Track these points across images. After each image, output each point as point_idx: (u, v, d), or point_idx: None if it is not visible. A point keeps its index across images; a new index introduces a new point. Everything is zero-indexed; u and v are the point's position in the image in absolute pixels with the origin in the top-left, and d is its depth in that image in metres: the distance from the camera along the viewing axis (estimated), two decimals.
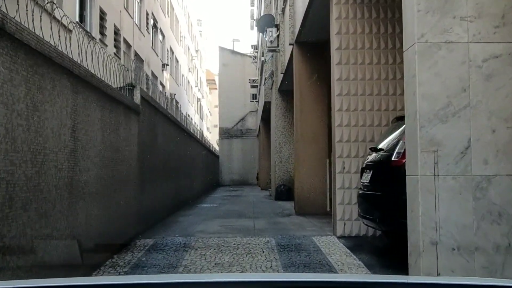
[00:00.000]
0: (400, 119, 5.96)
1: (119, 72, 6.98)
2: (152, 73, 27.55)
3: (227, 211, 12.37)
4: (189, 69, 44.32)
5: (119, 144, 6.54)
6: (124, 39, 21.19)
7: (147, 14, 26.78)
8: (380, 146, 5.79)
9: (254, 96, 33.17)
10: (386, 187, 5.30)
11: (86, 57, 5.33)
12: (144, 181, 8.26)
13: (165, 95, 17.28)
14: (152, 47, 28.18)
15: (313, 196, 11.18)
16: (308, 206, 11.14)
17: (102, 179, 5.70)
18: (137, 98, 7.66)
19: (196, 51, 51.05)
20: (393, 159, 5.17)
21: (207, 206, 14.37)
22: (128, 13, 21.94)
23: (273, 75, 18.83)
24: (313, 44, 11.03)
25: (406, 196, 4.81)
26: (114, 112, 6.27)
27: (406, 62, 4.02)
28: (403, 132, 5.32)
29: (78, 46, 5.20)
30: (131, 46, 23.06)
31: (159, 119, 9.78)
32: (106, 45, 17.62)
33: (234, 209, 13.05)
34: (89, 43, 5.52)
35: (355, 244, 6.82)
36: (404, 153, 5.01)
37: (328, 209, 11.13)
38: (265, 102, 21.35)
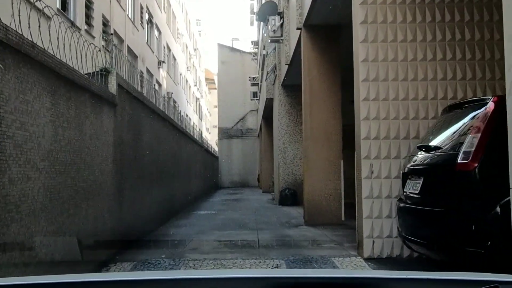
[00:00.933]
0: (455, 108, 4.46)
1: (89, 52, 5.48)
2: (148, 70, 26.09)
3: (226, 220, 10.84)
4: (187, 67, 42.83)
5: (84, 143, 5.02)
6: (115, 31, 19.66)
7: (141, 7, 25.29)
8: (434, 143, 4.28)
9: (254, 94, 31.57)
10: (449, 201, 3.78)
11: (28, 24, 3.82)
12: (124, 189, 6.75)
13: (151, 85, 15.81)
14: (147, 43, 26.71)
15: (326, 204, 9.66)
16: (319, 215, 9.62)
17: (54, 190, 4.18)
18: (112, 86, 6.14)
19: (195, 49, 49.56)
20: (458, 161, 3.65)
21: (204, 213, 12.84)
22: (120, 5, 20.42)
23: (275, 69, 17.32)
24: (325, 27, 9.52)
25: (481, 214, 3.31)
26: (75, 101, 4.75)
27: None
28: (470, 126, 3.81)
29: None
30: (123, 40, 21.57)
31: (145, 114, 8.26)
32: (93, 37, 16.12)
33: (234, 217, 11.53)
34: (34, 2, 3.99)
35: (390, 270, 5.30)
36: (475, 152, 3.50)
37: (343, 219, 9.63)
38: (267, 99, 19.83)
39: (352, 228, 8.96)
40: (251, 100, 31.94)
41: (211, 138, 50.29)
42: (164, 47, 31.48)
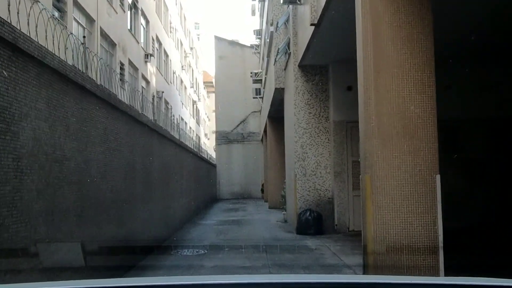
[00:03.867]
0: None
1: None
2: (130, 62, 21.65)
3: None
4: (182, 66, 38.30)
5: None
6: (77, 3, 15.12)
7: None
8: None
9: (257, 92, 26.92)
10: None
11: None
12: None
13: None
14: (129, 30, 22.23)
15: (411, 255, 5.08)
16: (399, 274, 5.03)
17: None
18: None
19: (191, 48, 45.07)
20: None
21: (187, 256, 8.21)
22: None
23: (288, 47, 12.80)
24: None
25: None
26: None
27: None
28: None
29: None
30: (94, 20, 17.09)
31: (42, 81, 3.71)
32: (37, 1, 11.66)
33: (233, 267, 6.94)
34: None
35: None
36: None
37: None
38: (275, 89, 15.22)
39: None
40: (254, 98, 27.27)
41: (210, 145, 46.04)
42: (153, 39, 26.96)
